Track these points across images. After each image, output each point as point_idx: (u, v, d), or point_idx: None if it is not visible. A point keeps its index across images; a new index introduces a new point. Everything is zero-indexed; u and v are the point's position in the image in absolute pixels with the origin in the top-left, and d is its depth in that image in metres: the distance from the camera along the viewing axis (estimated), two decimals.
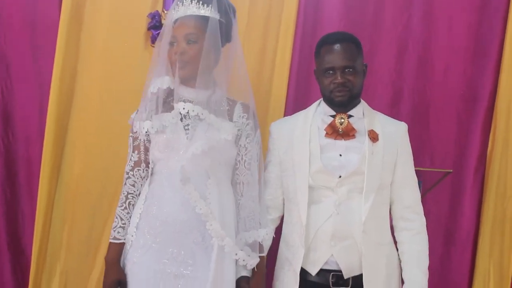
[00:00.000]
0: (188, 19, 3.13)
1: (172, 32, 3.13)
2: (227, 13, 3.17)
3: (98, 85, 4.38)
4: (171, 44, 3.13)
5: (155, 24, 4.32)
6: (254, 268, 3.16)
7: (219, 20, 3.13)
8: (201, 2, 3.11)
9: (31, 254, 4.35)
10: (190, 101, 3.11)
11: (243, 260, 3.10)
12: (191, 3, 3.11)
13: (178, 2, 3.15)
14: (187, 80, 3.15)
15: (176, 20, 3.16)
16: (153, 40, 4.32)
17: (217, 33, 3.13)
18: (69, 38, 4.34)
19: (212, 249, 3.04)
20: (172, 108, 3.16)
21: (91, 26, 4.42)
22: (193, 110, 3.09)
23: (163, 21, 4.33)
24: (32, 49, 4.46)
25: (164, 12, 4.35)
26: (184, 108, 3.09)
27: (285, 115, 4.22)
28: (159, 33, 4.28)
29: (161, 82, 3.11)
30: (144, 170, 3.22)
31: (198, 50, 3.11)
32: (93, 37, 4.41)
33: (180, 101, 3.09)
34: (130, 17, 4.38)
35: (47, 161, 4.30)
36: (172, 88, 3.17)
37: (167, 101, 3.15)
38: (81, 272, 4.38)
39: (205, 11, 3.10)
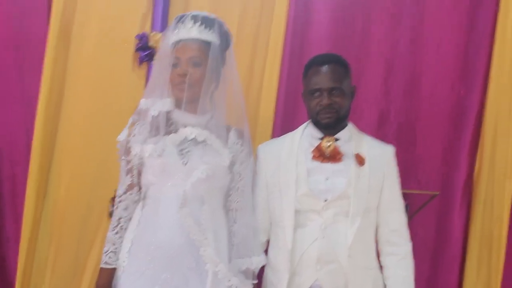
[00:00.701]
0: (192, 42, 3.10)
1: (175, 53, 3.09)
2: (226, 39, 3.18)
3: (85, 105, 4.35)
4: (174, 65, 3.10)
5: (143, 46, 4.29)
6: None
7: (219, 44, 3.14)
8: (203, 26, 3.10)
9: (15, 276, 4.30)
10: (191, 126, 3.10)
11: (236, 287, 3.07)
12: (193, 26, 3.08)
13: (179, 24, 3.13)
14: (187, 103, 3.10)
15: (177, 42, 3.12)
16: (141, 61, 4.29)
17: (219, 58, 3.13)
18: (56, 58, 4.31)
19: (207, 275, 3.02)
20: (169, 132, 3.13)
21: (79, 47, 4.39)
22: (200, 135, 3.08)
23: (150, 43, 4.34)
24: (19, 68, 4.42)
25: (152, 33, 4.32)
26: (191, 133, 3.08)
27: (272, 137, 4.18)
28: (147, 54, 4.31)
29: (163, 104, 3.07)
30: (137, 194, 3.18)
31: (201, 74, 3.08)
32: (81, 58, 4.39)
33: (179, 125, 3.08)
34: (118, 37, 4.36)
35: (33, 182, 4.26)
36: (169, 111, 3.14)
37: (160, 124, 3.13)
38: None
39: (207, 35, 3.08)
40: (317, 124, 3.17)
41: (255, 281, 3.18)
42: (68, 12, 4.38)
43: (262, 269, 3.26)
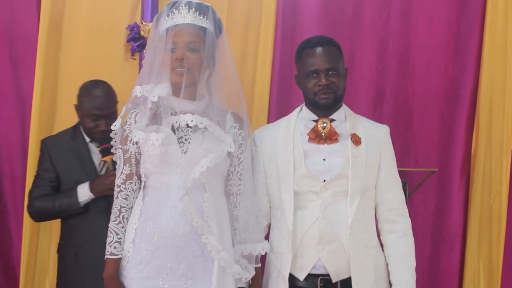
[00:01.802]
0: (188, 27, 3.04)
1: (172, 38, 3.02)
2: (219, 25, 3.16)
3: None
4: (171, 50, 3.02)
5: (134, 36, 4.27)
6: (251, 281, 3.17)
7: (213, 31, 3.13)
8: (198, 13, 3.02)
9: (19, 271, 4.33)
10: (189, 113, 3.08)
11: (238, 274, 3.05)
12: (189, 12, 2.99)
13: (173, 10, 3.04)
14: (185, 88, 3.03)
15: (172, 27, 3.04)
16: (133, 51, 4.29)
17: (215, 45, 3.12)
18: (48, 52, 4.32)
19: (212, 262, 2.99)
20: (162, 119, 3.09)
21: (71, 39, 4.39)
22: (201, 122, 3.02)
23: (142, 33, 4.32)
24: (12, 64, 4.42)
25: (142, 23, 4.33)
26: (192, 120, 3.01)
27: (268, 121, 4.23)
28: (139, 44, 4.30)
29: (161, 89, 3.00)
30: (136, 183, 3.12)
31: (199, 59, 3.04)
32: (73, 50, 4.39)
33: (178, 112, 3.05)
34: (109, 29, 4.37)
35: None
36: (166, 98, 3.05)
37: (159, 112, 3.11)
38: None
39: (202, 22, 3.05)
40: (315, 105, 3.16)
41: (258, 265, 3.18)
42: (58, 5, 4.36)
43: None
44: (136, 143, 3.07)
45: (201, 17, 3.06)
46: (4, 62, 4.42)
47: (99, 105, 3.69)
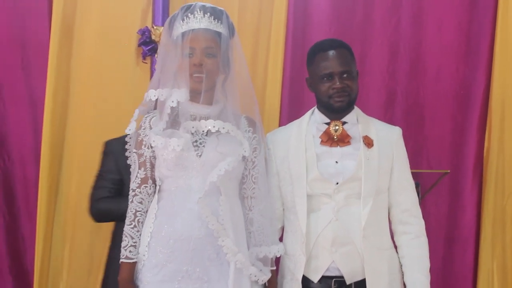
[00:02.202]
0: (205, 32, 3.03)
1: (189, 43, 3.01)
2: (232, 30, 3.16)
3: (91, 102, 4.36)
4: (189, 55, 3.01)
5: (145, 40, 4.27)
6: (265, 283, 3.17)
7: (227, 35, 3.13)
8: (213, 17, 3.02)
9: (33, 275, 4.32)
10: (206, 117, 3.08)
11: (255, 276, 3.03)
12: (204, 17, 3.01)
13: (188, 14, 3.03)
14: (200, 95, 3.02)
15: (188, 32, 3.03)
16: (144, 56, 4.27)
17: (229, 49, 3.12)
18: (60, 57, 4.32)
19: (228, 266, 2.98)
20: (179, 124, 3.10)
21: (82, 44, 4.40)
22: (223, 127, 3.01)
23: (153, 37, 4.32)
24: (24, 69, 4.44)
25: (154, 27, 4.33)
26: (214, 126, 3.00)
27: (280, 124, 4.21)
28: (150, 48, 4.31)
29: (181, 95, 2.99)
30: (151, 187, 3.11)
31: (216, 65, 3.04)
32: (84, 55, 4.40)
33: (197, 117, 3.05)
34: (120, 33, 4.38)
35: (44, 181, 4.27)
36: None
37: (176, 117, 3.10)
38: None
39: (217, 26, 3.03)
40: (329, 108, 3.15)
41: (274, 268, 3.18)
42: (69, 10, 4.36)
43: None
44: (151, 146, 3.06)
45: (216, 22, 3.05)
46: (16, 67, 4.43)
47: None
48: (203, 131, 3.03)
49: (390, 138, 3.25)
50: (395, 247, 3.26)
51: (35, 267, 4.30)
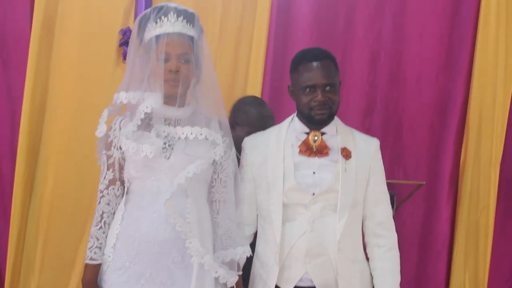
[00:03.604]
0: (180, 37, 3.00)
1: (164, 48, 2.96)
2: (201, 32, 3.13)
3: (70, 100, 4.27)
4: (164, 60, 2.96)
5: (126, 40, 4.17)
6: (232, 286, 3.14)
7: (198, 39, 3.10)
8: (185, 21, 2.99)
9: (5, 271, 4.27)
10: (177, 120, 3.08)
11: (223, 278, 2.99)
12: (177, 20, 2.97)
13: (162, 17, 2.98)
14: (175, 98, 3.00)
15: (162, 35, 2.99)
16: (125, 56, 4.21)
17: (200, 53, 3.09)
18: (40, 53, 4.25)
19: (192, 269, 2.94)
20: (151, 126, 3.07)
21: (62, 41, 4.31)
22: (201, 134, 2.99)
23: None
24: (3, 64, 4.36)
25: None
26: (192, 133, 2.98)
27: None
28: None
29: (155, 101, 2.95)
30: (119, 188, 3.07)
31: (191, 70, 3.00)
32: (65, 52, 4.32)
33: (169, 123, 3.03)
34: (101, 32, 4.30)
35: (20, 178, 4.20)
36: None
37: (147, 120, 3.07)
38: None
39: (190, 30, 2.99)
40: (309, 119, 3.11)
41: (240, 273, 3.15)
42: (51, 7, 4.27)
43: (249, 261, 3.25)
44: (120, 148, 3.01)
45: (189, 26, 3.01)
46: None
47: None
48: (205, 137, 2.99)
49: (368, 149, 3.21)
50: (367, 258, 3.25)
51: (7, 264, 4.22)
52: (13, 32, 4.38)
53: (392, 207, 3.36)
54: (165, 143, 3.00)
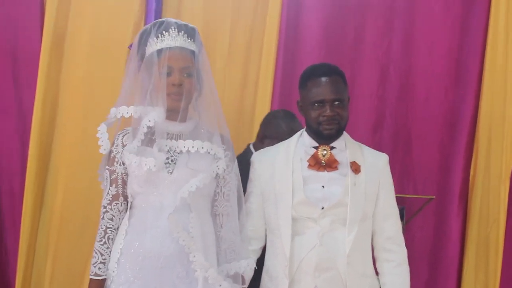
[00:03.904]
0: (182, 51, 3.01)
1: (167, 62, 2.97)
2: (201, 46, 3.15)
3: (79, 114, 4.29)
4: (167, 74, 2.97)
5: None
6: None
7: (199, 53, 3.12)
8: (186, 35, 3.00)
9: (15, 284, 4.26)
10: (179, 134, 3.09)
11: None
12: (178, 35, 3.00)
13: (163, 32, 3.00)
14: (177, 113, 3.00)
15: (165, 50, 3.00)
16: None
17: (200, 67, 3.10)
18: (50, 69, 4.27)
19: (197, 284, 2.92)
20: (153, 141, 3.09)
21: (72, 56, 4.34)
22: (202, 147, 2.99)
23: None
24: (14, 80, 4.38)
25: None
26: (193, 146, 2.98)
27: None
28: None
29: (158, 115, 2.95)
30: (122, 203, 3.06)
31: (194, 84, 3.01)
32: (74, 68, 4.34)
33: (172, 137, 3.04)
34: (110, 48, 4.32)
35: (29, 193, 4.22)
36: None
37: (149, 135, 3.08)
38: None
39: (191, 45, 3.01)
40: (318, 134, 3.11)
41: (245, 286, 3.14)
42: (61, 23, 4.30)
43: (257, 275, 3.25)
44: (123, 163, 3.02)
45: (190, 40, 3.02)
46: (6, 78, 4.37)
47: None
48: (206, 151, 2.99)
49: (377, 164, 3.21)
50: (377, 273, 3.23)
51: (17, 279, 4.23)
52: (24, 48, 4.41)
53: (402, 221, 3.34)
54: (167, 158, 3.00)
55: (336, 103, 3.08)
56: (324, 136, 3.10)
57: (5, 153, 4.36)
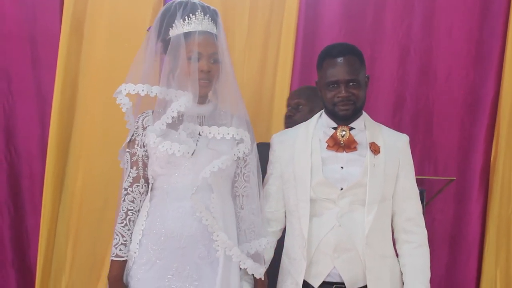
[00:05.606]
0: (209, 37, 3.02)
1: (196, 47, 2.98)
2: (221, 30, 3.15)
3: (99, 99, 4.31)
4: (196, 60, 2.99)
5: None
6: (256, 281, 3.15)
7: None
8: (211, 19, 3.03)
9: (36, 269, 4.31)
10: (201, 117, 3.07)
11: (251, 269, 3.03)
12: (204, 18, 3.01)
13: (190, 14, 3.01)
14: (199, 97, 3.02)
15: (193, 33, 3.01)
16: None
17: (222, 51, 3.10)
18: (69, 52, 4.30)
19: (218, 263, 2.96)
20: (175, 124, 3.01)
21: (92, 40, 4.36)
22: (237, 134, 3.03)
23: None
24: (33, 64, 4.41)
25: None
26: (228, 133, 3.02)
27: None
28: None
29: (187, 100, 2.97)
30: (143, 186, 3.09)
31: (219, 70, 3.04)
32: (94, 51, 4.36)
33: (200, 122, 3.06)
34: (130, 30, 4.32)
35: (50, 176, 4.26)
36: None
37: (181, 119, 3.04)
38: (87, 286, 4.35)
39: (213, 28, 3.01)
40: (334, 115, 3.11)
41: (266, 266, 3.15)
42: (80, 6, 4.33)
43: (276, 258, 3.26)
44: (144, 146, 3.06)
45: (213, 24, 3.04)
46: (25, 61, 4.39)
47: None
48: (232, 137, 3.02)
49: (397, 145, 3.20)
50: (397, 255, 3.23)
51: (38, 262, 4.27)
52: (43, 32, 4.44)
53: (422, 203, 3.32)
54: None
55: (352, 83, 3.07)
56: (340, 117, 3.10)
57: (25, 136, 4.40)
